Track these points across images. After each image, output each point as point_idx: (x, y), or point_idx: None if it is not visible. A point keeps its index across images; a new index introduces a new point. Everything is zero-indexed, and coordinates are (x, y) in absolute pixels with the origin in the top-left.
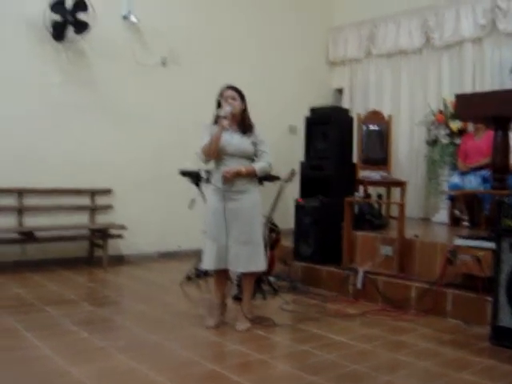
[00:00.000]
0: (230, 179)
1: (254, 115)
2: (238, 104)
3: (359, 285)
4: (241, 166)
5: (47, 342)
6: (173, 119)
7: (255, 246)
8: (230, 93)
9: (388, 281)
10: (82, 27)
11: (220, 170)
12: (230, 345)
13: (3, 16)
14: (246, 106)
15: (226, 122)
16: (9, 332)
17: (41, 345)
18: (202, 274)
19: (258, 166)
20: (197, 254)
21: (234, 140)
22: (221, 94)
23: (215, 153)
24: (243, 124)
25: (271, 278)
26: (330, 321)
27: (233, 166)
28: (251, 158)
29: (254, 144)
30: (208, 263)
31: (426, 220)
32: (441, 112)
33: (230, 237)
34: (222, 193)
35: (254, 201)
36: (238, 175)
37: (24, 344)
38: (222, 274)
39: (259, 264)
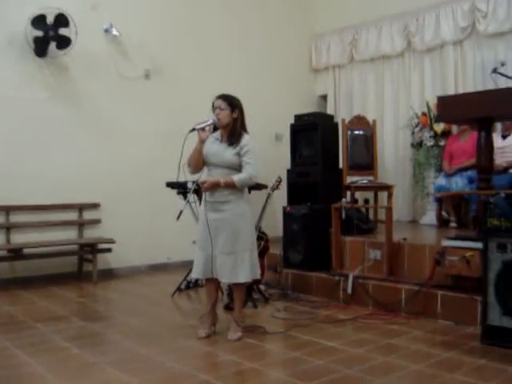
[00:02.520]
0: (206, 190)
1: None
2: (224, 114)
3: (349, 290)
4: (219, 177)
5: (39, 358)
6: (159, 131)
7: (239, 257)
8: (217, 102)
9: (378, 284)
10: (63, 42)
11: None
12: (223, 354)
13: None
14: (238, 115)
15: (203, 134)
16: (0, 350)
17: (33, 362)
18: (193, 285)
19: (238, 177)
20: (186, 266)
21: (218, 151)
22: (212, 104)
23: (197, 164)
24: (231, 134)
25: (261, 286)
26: (321, 327)
27: (217, 176)
28: (237, 168)
29: (238, 155)
30: (196, 272)
31: (414, 222)
32: (424, 114)
33: (216, 247)
34: (208, 204)
35: (237, 211)
36: (216, 187)
37: (15, 362)
38: (212, 283)
39: (243, 275)
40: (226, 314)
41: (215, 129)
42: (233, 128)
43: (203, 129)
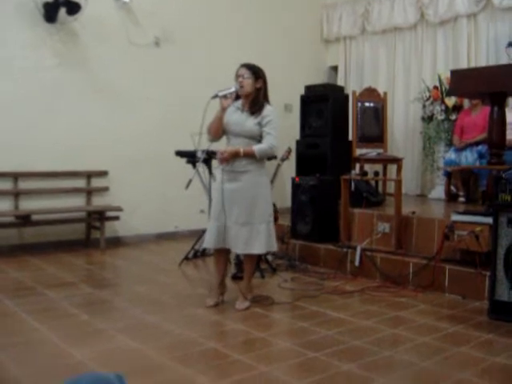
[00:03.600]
0: (225, 160)
1: None
2: (247, 83)
3: (357, 262)
4: (239, 146)
5: (48, 324)
6: (168, 99)
7: (254, 228)
8: (241, 71)
9: (386, 257)
10: (74, 8)
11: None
12: (230, 323)
13: None
14: (261, 85)
15: (225, 102)
16: (9, 316)
17: (41, 328)
18: (200, 254)
19: (258, 147)
20: (194, 235)
21: (239, 120)
22: (236, 72)
23: (216, 132)
24: (253, 104)
25: (269, 257)
26: (328, 298)
27: (236, 146)
28: (257, 138)
29: (260, 125)
30: (208, 241)
31: (422, 196)
32: (436, 88)
33: (231, 217)
34: (225, 173)
35: (255, 182)
36: (236, 156)
37: (24, 327)
38: (222, 254)
39: (258, 247)
40: (234, 284)
41: (237, 98)
42: (255, 97)
43: (225, 96)
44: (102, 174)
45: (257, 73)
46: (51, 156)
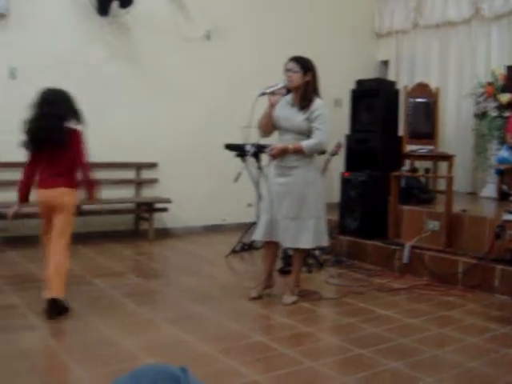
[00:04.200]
0: (274, 156)
1: None
2: (296, 77)
3: (405, 259)
4: (289, 142)
5: (96, 313)
6: (218, 92)
7: (303, 223)
8: (289, 65)
9: (435, 256)
10: (126, 1)
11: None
12: (277, 317)
13: None
14: (310, 78)
15: (273, 98)
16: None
17: (90, 316)
18: (247, 247)
19: (307, 143)
20: (241, 228)
21: (289, 115)
22: (284, 66)
23: (266, 128)
24: (302, 98)
25: (316, 252)
26: (375, 295)
27: (287, 141)
28: (306, 134)
29: (308, 120)
30: (258, 233)
31: (473, 194)
32: (490, 84)
33: (280, 211)
34: (276, 168)
35: (305, 177)
36: (284, 152)
37: (73, 315)
38: (271, 247)
39: (306, 241)
40: (281, 278)
41: (289, 91)
42: (304, 91)
43: (273, 93)
44: (152, 165)
45: (305, 66)
46: (102, 147)
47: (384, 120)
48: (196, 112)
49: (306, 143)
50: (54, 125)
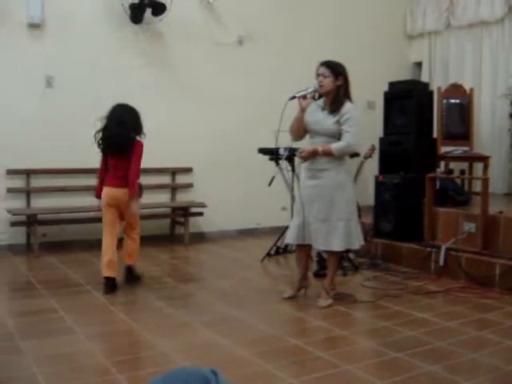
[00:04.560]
0: (304, 159)
1: None
2: (327, 82)
3: (441, 262)
4: (320, 145)
5: (133, 316)
6: (251, 97)
7: (333, 225)
8: (320, 70)
9: (471, 258)
10: (159, 9)
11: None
12: (313, 320)
13: (82, 0)
14: (342, 82)
15: (304, 103)
16: (97, 307)
17: (127, 319)
18: (282, 251)
19: (336, 145)
20: (275, 232)
21: (319, 119)
22: (316, 71)
23: (297, 132)
24: (333, 102)
25: (351, 255)
26: (411, 298)
27: (318, 144)
28: (337, 137)
29: (338, 123)
30: (289, 237)
31: (509, 195)
32: None
33: (311, 213)
34: (307, 171)
35: (335, 180)
36: (314, 155)
37: (111, 318)
38: (303, 249)
39: (336, 243)
40: (316, 281)
41: (320, 96)
42: (335, 95)
43: (304, 97)
44: (187, 170)
45: (337, 70)
46: None
47: (417, 122)
48: (229, 117)
49: (334, 145)
50: (122, 138)
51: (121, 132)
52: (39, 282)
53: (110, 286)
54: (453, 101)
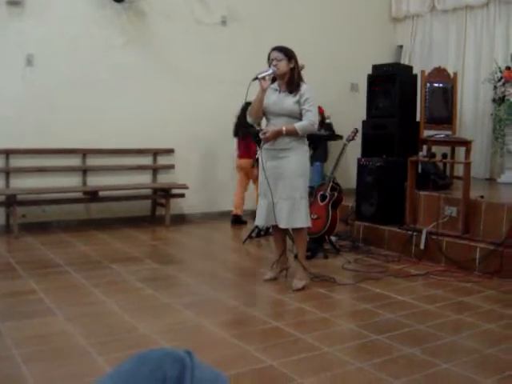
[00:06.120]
0: (267, 139)
1: (315, 73)
2: (282, 65)
3: (422, 245)
4: (281, 125)
5: (114, 297)
6: (234, 78)
7: (296, 203)
8: (273, 54)
9: (452, 241)
10: None
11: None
12: (293, 303)
13: None
14: (294, 65)
15: (265, 83)
16: (77, 288)
17: (108, 300)
18: (264, 233)
19: (299, 124)
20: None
21: (278, 100)
22: (268, 56)
23: (257, 113)
24: (289, 83)
25: (333, 238)
26: (392, 281)
27: (278, 125)
28: (297, 117)
29: (298, 103)
30: (258, 219)
31: (491, 180)
32: (508, 69)
33: (276, 193)
34: (267, 151)
35: (298, 158)
36: (278, 135)
37: (92, 299)
38: (278, 231)
39: (300, 220)
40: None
41: (273, 80)
42: (291, 77)
43: (264, 78)
44: (168, 151)
45: (288, 54)
46: (118, 134)
47: (401, 105)
48: (211, 98)
49: (298, 124)
50: (246, 126)
51: (246, 123)
52: (18, 263)
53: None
54: (436, 85)
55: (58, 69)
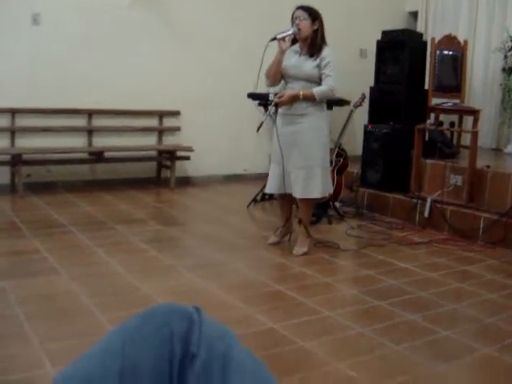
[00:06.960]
0: (283, 104)
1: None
2: (305, 25)
3: (426, 213)
4: (299, 89)
5: (118, 258)
6: (242, 41)
7: (312, 172)
8: (298, 13)
9: (456, 210)
10: None
11: None
12: (296, 267)
13: None
14: (318, 27)
15: (284, 44)
16: (81, 248)
17: (111, 261)
18: (268, 197)
19: (317, 89)
20: (262, 178)
21: (297, 63)
22: (292, 15)
23: (275, 76)
24: (311, 46)
25: (337, 204)
26: (395, 248)
27: (296, 89)
28: (316, 81)
29: (319, 67)
30: (269, 187)
31: (497, 150)
32: None
33: (289, 161)
34: (283, 117)
35: (315, 125)
36: (295, 99)
37: (96, 260)
38: (285, 199)
39: (315, 190)
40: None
41: (294, 42)
42: (313, 39)
43: (283, 39)
44: (174, 113)
45: (313, 14)
46: (125, 94)
47: (410, 72)
48: (219, 60)
49: (316, 89)
50: None
51: None
52: (23, 222)
53: None
54: (446, 52)
55: (64, 29)
